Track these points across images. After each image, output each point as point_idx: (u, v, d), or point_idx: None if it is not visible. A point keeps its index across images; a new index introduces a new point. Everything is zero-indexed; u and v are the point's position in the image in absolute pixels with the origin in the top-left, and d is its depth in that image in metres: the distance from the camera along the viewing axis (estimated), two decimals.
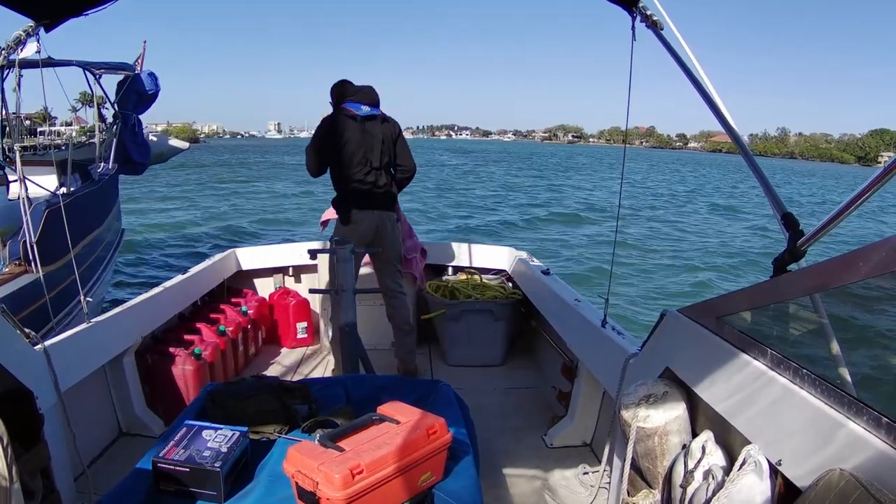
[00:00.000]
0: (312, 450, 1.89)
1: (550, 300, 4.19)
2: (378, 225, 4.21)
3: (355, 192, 4.15)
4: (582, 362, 3.53)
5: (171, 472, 1.99)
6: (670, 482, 1.99)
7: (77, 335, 3.09)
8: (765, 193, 2.09)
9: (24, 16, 2.93)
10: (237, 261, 5.36)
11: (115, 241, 8.71)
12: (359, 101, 4.14)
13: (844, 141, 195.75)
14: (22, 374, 2.36)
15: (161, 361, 3.80)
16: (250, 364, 4.75)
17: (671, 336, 2.39)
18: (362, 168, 4.11)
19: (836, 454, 1.45)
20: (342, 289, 3.70)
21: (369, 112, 4.13)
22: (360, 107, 4.12)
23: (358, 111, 4.10)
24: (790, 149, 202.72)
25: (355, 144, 4.07)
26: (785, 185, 53.31)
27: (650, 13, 2.72)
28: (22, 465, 1.91)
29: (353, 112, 4.09)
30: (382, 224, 4.23)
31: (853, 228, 21.89)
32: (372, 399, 2.54)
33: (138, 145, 8.67)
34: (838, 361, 1.70)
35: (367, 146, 4.10)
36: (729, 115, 2.36)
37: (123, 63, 8.72)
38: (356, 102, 4.13)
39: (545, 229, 20.91)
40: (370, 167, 4.13)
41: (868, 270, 1.45)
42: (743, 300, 2.00)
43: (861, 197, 1.62)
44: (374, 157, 4.12)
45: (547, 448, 3.57)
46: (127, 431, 3.63)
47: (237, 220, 20.66)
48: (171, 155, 14.59)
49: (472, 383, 4.32)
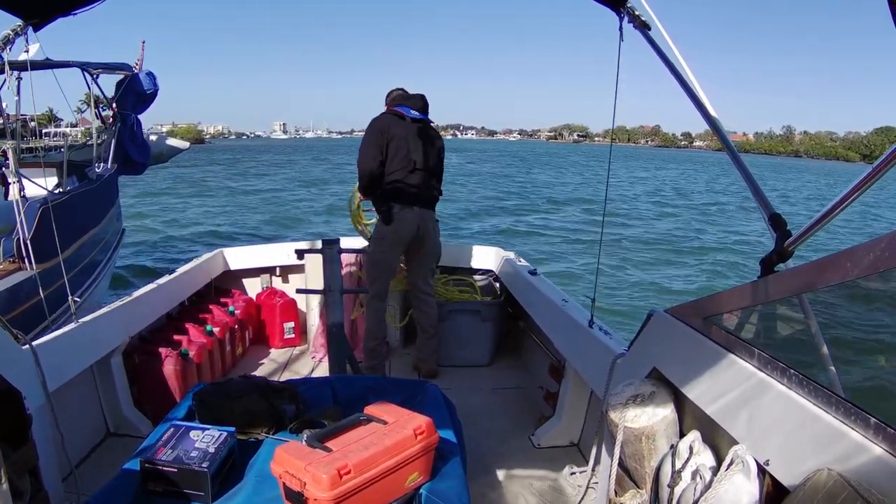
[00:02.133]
0: (300, 450, 1.89)
1: (538, 300, 4.19)
2: (420, 224, 4.22)
3: (397, 190, 4.15)
4: (569, 362, 3.54)
5: (158, 473, 1.99)
6: (658, 482, 2.00)
7: (65, 335, 3.07)
8: (752, 194, 2.09)
9: (12, 14, 2.91)
10: (225, 261, 5.33)
11: (115, 241, 8.68)
12: (409, 106, 4.23)
13: (849, 139, 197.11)
14: (10, 374, 2.35)
15: (149, 361, 3.77)
16: (238, 364, 4.73)
17: (658, 336, 2.40)
18: (406, 167, 4.13)
19: (824, 454, 1.46)
20: (329, 289, 3.69)
21: (418, 116, 4.21)
22: (410, 110, 4.20)
23: (407, 113, 4.18)
24: (795, 147, 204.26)
25: (401, 142, 4.11)
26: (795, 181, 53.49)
27: (638, 13, 2.73)
28: (10, 465, 1.90)
29: (402, 113, 4.17)
30: (424, 222, 4.25)
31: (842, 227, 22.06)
32: (359, 399, 2.54)
33: (138, 145, 8.64)
34: (826, 361, 1.71)
35: (413, 146, 4.13)
36: (716, 115, 2.37)
37: (122, 63, 8.70)
38: (406, 106, 4.22)
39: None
40: (413, 167, 4.15)
41: (855, 271, 1.46)
42: (730, 300, 2.01)
43: (848, 199, 1.63)
44: (419, 158, 4.16)
45: (534, 448, 3.57)
46: (115, 431, 3.60)
47: (228, 220, 20.62)
48: (171, 155, 14.53)
49: (460, 384, 4.32)
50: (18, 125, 6.74)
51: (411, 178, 4.15)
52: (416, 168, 4.15)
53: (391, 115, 4.18)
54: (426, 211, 4.27)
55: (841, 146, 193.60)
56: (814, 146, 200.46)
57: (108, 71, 8.46)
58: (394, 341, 5.13)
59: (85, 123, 30.22)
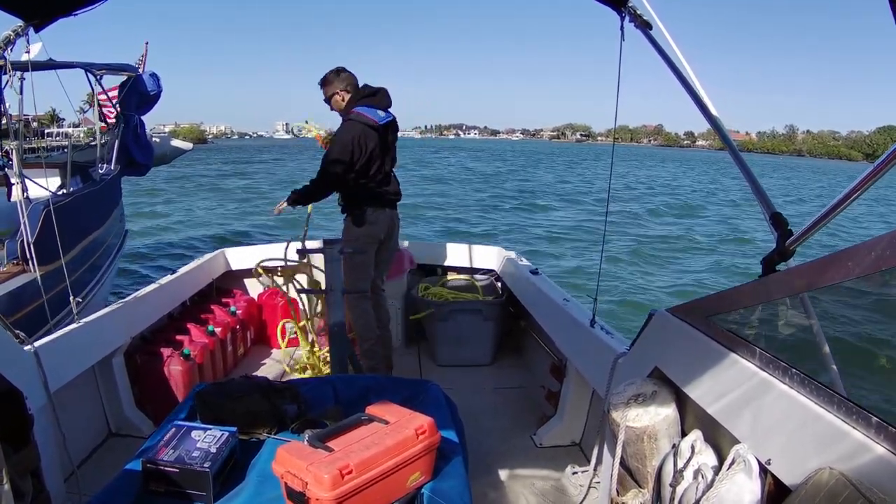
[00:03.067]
0: (301, 450, 1.89)
1: (539, 300, 4.19)
2: (390, 224, 4.18)
3: (371, 194, 4.06)
4: (571, 362, 3.54)
5: (160, 473, 1.99)
6: (660, 482, 2.00)
7: (66, 335, 3.07)
8: (753, 193, 2.09)
9: (12, 15, 2.91)
10: (226, 261, 5.34)
11: (119, 243, 8.67)
12: (375, 106, 3.99)
13: (852, 138, 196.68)
14: (11, 375, 2.35)
15: (150, 362, 3.78)
16: (239, 364, 4.73)
17: (660, 335, 2.40)
18: (378, 174, 4.04)
19: (826, 453, 1.46)
20: (331, 289, 3.69)
21: (386, 118, 4.00)
22: (377, 112, 3.97)
23: (377, 118, 3.94)
24: (798, 146, 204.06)
25: (375, 154, 3.95)
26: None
27: (639, 13, 2.73)
28: (11, 465, 1.90)
29: (373, 121, 3.92)
30: (393, 223, 4.22)
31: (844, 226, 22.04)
32: (361, 399, 2.54)
33: (141, 146, 8.59)
34: (827, 360, 1.71)
35: (384, 154, 4.04)
36: (717, 114, 2.37)
37: (125, 64, 8.67)
38: (373, 107, 3.98)
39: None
40: (384, 173, 4.08)
41: (857, 270, 1.46)
42: (732, 300, 2.00)
43: (848, 198, 1.63)
44: (388, 164, 4.10)
45: (536, 448, 3.57)
46: (116, 432, 3.61)
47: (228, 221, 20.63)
48: (174, 156, 14.45)
49: (461, 383, 4.32)
50: (21, 125, 6.72)
51: (382, 182, 4.09)
52: (386, 172, 4.10)
53: (364, 127, 3.90)
54: (394, 212, 4.25)
55: (843, 145, 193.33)
56: (816, 145, 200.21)
57: (112, 72, 8.45)
58: (395, 341, 5.14)
59: (87, 123, 30.15)
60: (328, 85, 4.09)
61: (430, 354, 5.00)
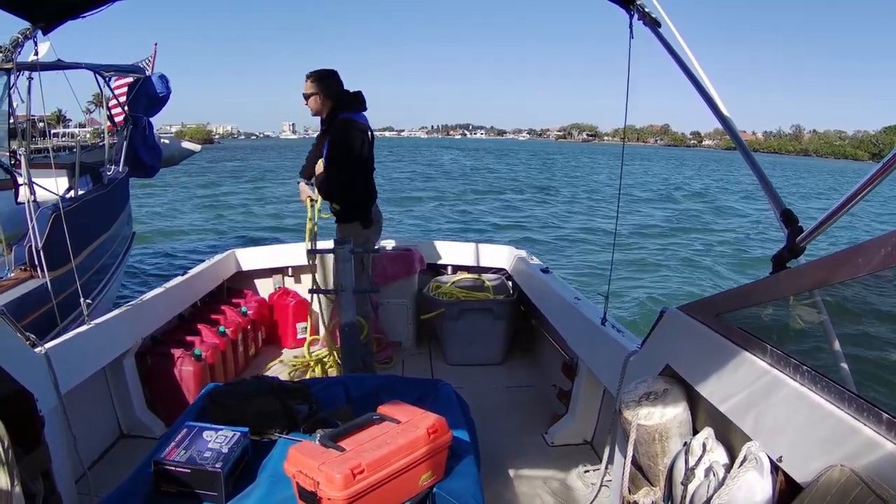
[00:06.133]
0: (313, 450, 1.89)
1: (550, 298, 4.19)
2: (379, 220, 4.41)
3: (371, 195, 4.30)
4: (582, 360, 3.53)
5: (172, 474, 2.00)
6: (671, 480, 1.99)
7: (77, 337, 3.08)
8: (763, 190, 2.08)
9: (20, 18, 2.93)
10: (237, 261, 5.35)
11: (126, 245, 8.69)
12: (359, 111, 4.14)
13: (858, 138, 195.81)
14: (22, 377, 2.36)
15: (161, 363, 3.79)
16: (250, 365, 4.74)
17: (671, 333, 2.40)
18: (370, 175, 4.26)
19: (837, 450, 1.45)
20: (342, 289, 3.70)
21: (366, 121, 4.17)
22: (364, 117, 4.15)
23: (366, 123, 4.12)
24: (804, 146, 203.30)
25: (369, 157, 4.15)
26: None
27: (648, 10, 2.73)
28: (23, 467, 1.91)
29: (363, 125, 4.10)
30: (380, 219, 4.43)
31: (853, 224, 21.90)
32: (372, 398, 2.55)
33: (149, 148, 8.60)
34: (839, 358, 1.70)
35: (371, 156, 4.19)
36: (728, 113, 2.36)
37: (134, 66, 8.69)
38: (360, 113, 4.14)
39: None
40: (372, 172, 4.28)
41: (867, 267, 1.45)
42: (742, 297, 2.00)
43: (859, 194, 1.62)
44: (373, 163, 4.25)
45: (548, 446, 3.57)
46: (128, 433, 3.63)
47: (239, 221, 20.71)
48: (182, 158, 14.48)
49: (473, 382, 4.32)
50: (29, 126, 6.74)
51: (371, 181, 4.30)
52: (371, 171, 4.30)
53: (359, 133, 4.05)
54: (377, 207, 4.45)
55: (850, 145, 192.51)
56: (823, 145, 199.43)
57: (121, 74, 8.47)
58: (406, 341, 5.14)
59: (93, 124, 30.22)
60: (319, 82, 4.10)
61: (441, 354, 5.01)
